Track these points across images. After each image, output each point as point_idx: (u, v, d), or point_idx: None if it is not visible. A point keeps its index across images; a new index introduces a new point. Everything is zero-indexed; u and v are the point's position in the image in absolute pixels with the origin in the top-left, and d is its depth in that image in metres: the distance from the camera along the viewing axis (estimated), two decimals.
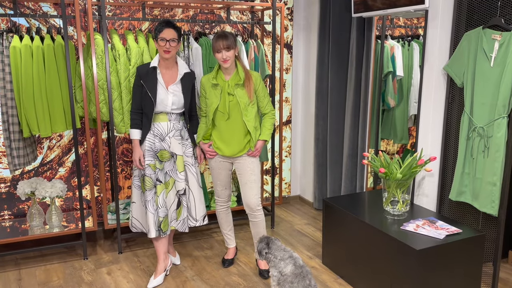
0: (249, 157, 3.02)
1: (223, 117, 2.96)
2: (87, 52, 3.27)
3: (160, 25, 2.85)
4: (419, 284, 2.47)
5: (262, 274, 3.13)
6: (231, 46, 2.83)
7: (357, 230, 2.90)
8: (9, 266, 3.28)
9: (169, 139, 2.97)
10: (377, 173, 2.94)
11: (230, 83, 2.92)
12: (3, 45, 2.99)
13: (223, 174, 3.12)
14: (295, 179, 4.74)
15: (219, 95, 2.93)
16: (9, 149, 3.10)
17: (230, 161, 3.08)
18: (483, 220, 2.84)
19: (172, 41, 2.83)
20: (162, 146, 2.96)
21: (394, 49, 3.66)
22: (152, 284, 2.98)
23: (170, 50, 2.84)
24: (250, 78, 2.94)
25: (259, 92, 2.98)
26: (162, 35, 2.82)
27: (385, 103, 3.76)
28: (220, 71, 2.97)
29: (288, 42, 4.40)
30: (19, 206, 3.67)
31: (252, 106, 2.95)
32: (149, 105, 2.90)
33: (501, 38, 2.52)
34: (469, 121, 2.71)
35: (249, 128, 2.94)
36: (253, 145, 2.98)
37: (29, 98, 3.04)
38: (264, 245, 2.60)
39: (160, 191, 2.96)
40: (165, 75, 2.95)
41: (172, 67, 2.97)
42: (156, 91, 2.89)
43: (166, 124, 2.96)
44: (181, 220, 3.08)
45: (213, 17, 4.00)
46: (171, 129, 2.97)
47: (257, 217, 3.07)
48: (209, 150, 3.07)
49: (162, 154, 2.97)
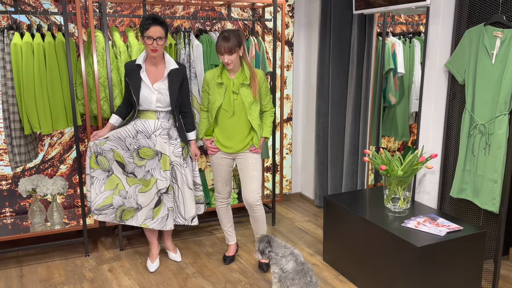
0: (252, 153, 3.03)
1: (226, 114, 2.96)
2: (88, 49, 3.26)
3: (146, 21, 2.72)
4: (420, 281, 2.47)
5: (261, 267, 3.16)
6: (233, 50, 2.79)
7: (358, 227, 2.90)
8: (11, 263, 3.28)
9: (155, 137, 2.91)
10: (378, 170, 2.94)
11: (235, 81, 2.92)
12: (4, 42, 2.99)
13: (224, 171, 3.12)
14: (296, 176, 4.75)
15: (223, 93, 2.93)
16: (11, 147, 3.11)
17: (231, 157, 3.09)
18: (484, 217, 2.84)
19: (159, 39, 2.74)
20: (147, 143, 2.91)
21: (395, 46, 3.65)
22: (154, 267, 3.14)
23: (157, 49, 2.76)
24: (255, 77, 2.92)
25: (262, 90, 2.98)
26: (148, 33, 2.71)
27: (386, 100, 3.75)
28: (225, 69, 2.96)
29: (289, 39, 4.40)
30: (20, 203, 3.68)
31: (256, 105, 2.96)
32: (135, 102, 2.89)
33: (503, 35, 2.51)
34: (470, 118, 2.71)
35: (254, 126, 2.95)
36: (256, 142, 2.99)
37: (30, 96, 3.04)
38: (266, 244, 2.60)
39: (132, 184, 2.94)
40: (151, 72, 2.88)
41: (159, 64, 2.89)
42: (140, 89, 2.83)
43: (153, 122, 2.91)
44: (159, 218, 3.01)
45: (214, 14, 3.99)
46: (158, 127, 2.91)
47: (256, 212, 3.08)
48: (211, 146, 3.07)
49: (145, 152, 2.92)
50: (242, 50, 2.88)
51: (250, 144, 3.00)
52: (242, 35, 2.90)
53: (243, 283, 3.01)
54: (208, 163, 4.21)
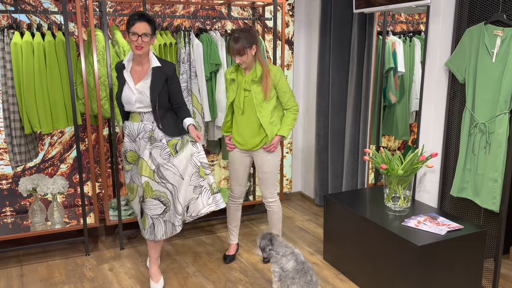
0: (266, 152, 3.03)
1: (238, 111, 3.00)
2: (88, 48, 3.26)
3: (132, 17, 2.60)
4: (420, 280, 2.47)
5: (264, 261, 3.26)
6: (243, 51, 2.80)
7: (358, 226, 2.90)
8: (11, 262, 3.29)
9: (139, 141, 2.76)
10: (378, 169, 2.94)
11: (247, 78, 2.93)
12: (4, 42, 2.99)
13: (238, 169, 3.13)
14: (296, 176, 4.75)
15: (235, 89, 2.97)
16: (11, 146, 3.11)
17: (248, 155, 3.10)
18: (485, 216, 2.84)
19: (145, 36, 2.59)
20: (133, 147, 2.79)
21: (395, 45, 3.64)
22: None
23: (142, 46, 2.60)
24: (268, 75, 2.90)
25: (279, 88, 2.95)
26: (133, 29, 2.57)
27: (386, 99, 3.75)
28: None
29: (289, 38, 4.40)
30: (21, 203, 3.68)
31: (268, 102, 2.94)
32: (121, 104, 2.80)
33: (503, 34, 2.51)
34: (471, 117, 2.71)
35: (263, 124, 2.94)
36: (268, 140, 2.98)
37: (30, 95, 3.04)
38: (268, 242, 2.60)
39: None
40: (137, 72, 2.73)
41: (145, 63, 2.73)
42: (123, 89, 2.73)
43: (137, 124, 2.75)
44: (148, 229, 2.76)
45: (214, 13, 3.99)
46: (141, 130, 2.75)
47: (270, 207, 3.17)
48: (228, 143, 3.11)
49: (131, 156, 2.80)
50: (255, 49, 2.87)
51: (264, 142, 3.01)
52: (254, 33, 2.88)
53: (244, 282, 3.02)
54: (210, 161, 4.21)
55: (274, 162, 3.07)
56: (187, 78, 3.42)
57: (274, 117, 2.98)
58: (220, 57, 3.52)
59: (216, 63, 3.50)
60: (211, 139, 3.78)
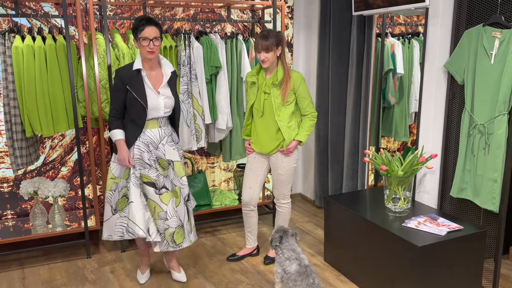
0: (282, 155, 3.04)
1: (258, 114, 3.03)
2: (88, 52, 3.28)
3: (140, 23, 2.59)
4: (420, 281, 2.48)
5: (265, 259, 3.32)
6: (271, 48, 2.83)
7: (359, 227, 2.91)
8: (13, 265, 3.29)
9: (163, 147, 2.76)
10: (378, 170, 2.96)
11: (267, 81, 2.95)
12: (5, 45, 3.00)
13: (252, 172, 3.16)
14: (297, 177, 4.75)
15: (256, 92, 3.00)
16: (12, 149, 3.11)
17: (265, 158, 3.13)
18: (484, 217, 2.86)
19: (156, 40, 2.59)
20: (157, 154, 2.75)
21: (394, 46, 3.66)
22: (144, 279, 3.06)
23: (154, 50, 2.61)
24: (289, 80, 2.92)
25: (299, 93, 2.96)
26: (143, 34, 2.57)
27: (385, 100, 3.77)
28: (263, 69, 3.01)
29: (289, 40, 4.41)
30: (22, 206, 3.69)
31: (287, 106, 2.95)
32: (138, 112, 2.66)
33: (502, 36, 2.53)
34: (470, 118, 2.73)
35: (281, 128, 2.95)
36: (286, 144, 2.99)
37: (31, 98, 3.05)
38: (278, 238, 2.63)
39: (168, 200, 2.74)
40: (151, 77, 2.70)
41: (156, 68, 2.73)
42: (146, 96, 2.64)
43: (157, 131, 2.74)
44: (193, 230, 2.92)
45: (213, 16, 4.01)
46: (163, 135, 2.77)
47: (281, 208, 3.21)
48: (248, 147, 3.16)
49: (162, 162, 2.77)
50: (280, 51, 2.90)
51: (281, 146, 3.02)
52: (282, 37, 2.92)
53: (245, 284, 3.02)
54: (208, 164, 4.22)
55: (290, 165, 3.08)
56: (188, 80, 3.43)
57: (292, 122, 2.99)
58: (220, 59, 3.53)
59: (216, 65, 3.52)
60: (211, 141, 3.79)
